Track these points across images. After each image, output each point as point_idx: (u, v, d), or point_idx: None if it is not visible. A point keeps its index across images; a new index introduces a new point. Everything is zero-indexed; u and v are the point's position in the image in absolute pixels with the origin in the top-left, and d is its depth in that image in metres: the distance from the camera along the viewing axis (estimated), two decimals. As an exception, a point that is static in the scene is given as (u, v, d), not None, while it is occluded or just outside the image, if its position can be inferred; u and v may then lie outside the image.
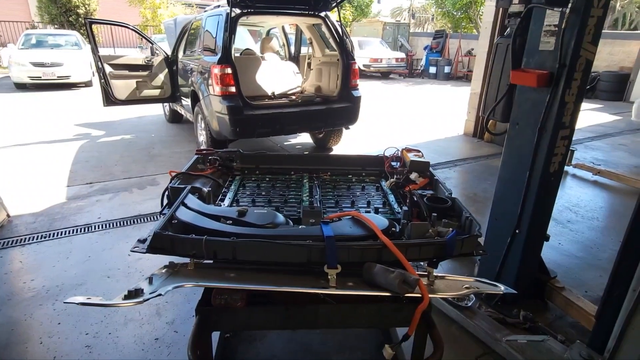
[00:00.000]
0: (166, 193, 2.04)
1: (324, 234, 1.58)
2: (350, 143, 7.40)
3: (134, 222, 4.46)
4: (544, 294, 3.38)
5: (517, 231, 3.32)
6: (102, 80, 6.62)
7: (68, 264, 3.54)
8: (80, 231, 4.13)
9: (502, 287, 1.61)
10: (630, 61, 13.92)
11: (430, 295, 1.43)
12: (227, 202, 2.20)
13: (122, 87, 6.90)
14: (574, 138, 3.05)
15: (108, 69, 6.53)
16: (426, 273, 1.66)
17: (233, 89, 5.18)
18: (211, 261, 1.63)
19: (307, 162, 2.72)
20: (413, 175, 2.33)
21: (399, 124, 9.48)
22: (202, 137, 6.31)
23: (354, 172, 2.71)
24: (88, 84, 13.92)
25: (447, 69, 19.01)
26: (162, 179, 5.68)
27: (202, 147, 2.59)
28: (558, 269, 3.41)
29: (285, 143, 7.47)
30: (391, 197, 2.31)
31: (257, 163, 2.71)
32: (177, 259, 1.68)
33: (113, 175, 5.70)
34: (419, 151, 2.56)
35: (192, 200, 1.87)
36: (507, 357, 2.73)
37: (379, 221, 1.71)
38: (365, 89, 6.90)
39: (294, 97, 6.65)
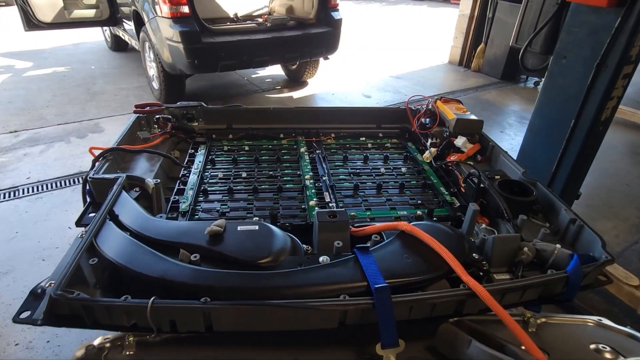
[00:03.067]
0: (86, 188, 1.25)
1: (370, 282, 0.89)
2: (327, 75, 6.50)
3: (73, 182, 3.61)
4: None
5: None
6: (18, -3, 5.21)
7: (-12, 243, 2.79)
8: (4, 197, 3.33)
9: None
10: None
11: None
12: (189, 197, 1.42)
13: (46, 6, 5.51)
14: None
15: (22, -18, 5.10)
16: (522, 318, 1.04)
17: (186, 9, 4.17)
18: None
19: (300, 119, 1.93)
20: (460, 141, 1.62)
21: (378, 51, 8.54)
22: (152, 70, 5.23)
23: (368, 132, 1.96)
24: (8, 2, 11.67)
25: (422, -14, 17.47)
26: (107, 124, 4.72)
27: (143, 102, 1.70)
28: (568, 222, 2.94)
29: (253, 76, 6.47)
30: (432, 176, 1.61)
31: (229, 121, 1.89)
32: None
33: (44, 120, 4.74)
34: (459, 102, 1.84)
35: (128, 208, 1.10)
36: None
37: (448, 240, 1.03)
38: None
39: (261, 19, 5.57)
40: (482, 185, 1.32)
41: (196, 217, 1.34)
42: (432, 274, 0.96)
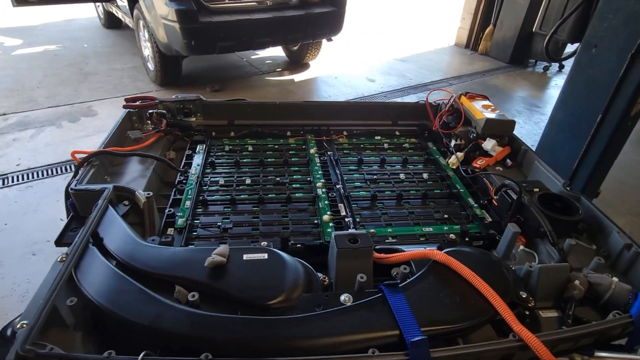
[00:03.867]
0: (68, 200, 1.08)
1: (404, 331, 0.74)
2: (330, 58, 6.24)
3: (65, 169, 3.43)
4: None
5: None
6: (2, -30, 4.91)
7: (-27, 237, 2.64)
8: (-8, 186, 3.17)
9: None
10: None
11: None
12: (186, 210, 1.24)
13: (34, -20, 5.20)
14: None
15: (7, -47, 4.79)
16: None
17: (183, -14, 3.87)
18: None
19: (309, 114, 1.75)
20: (489, 144, 1.45)
21: (380, 32, 8.23)
22: (147, 50, 4.99)
23: (383, 130, 1.78)
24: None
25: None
26: (100, 107, 4.50)
27: (134, 95, 1.50)
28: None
29: (253, 57, 6.21)
30: (458, 183, 1.44)
31: (231, 117, 1.70)
32: None
33: (35, 102, 4.52)
34: (485, 97, 1.65)
35: (115, 229, 0.94)
36: None
37: (490, 274, 0.88)
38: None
39: (261, -3, 5.28)
40: (524, 201, 1.16)
41: (194, 234, 1.17)
42: (477, 320, 0.81)
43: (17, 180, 3.24)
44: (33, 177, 3.29)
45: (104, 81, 5.09)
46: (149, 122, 1.54)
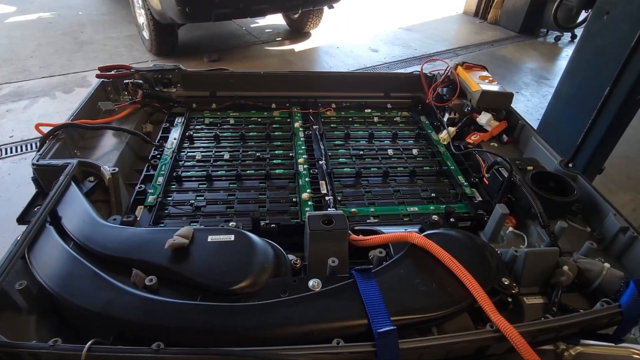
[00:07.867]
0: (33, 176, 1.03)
1: (372, 321, 0.69)
2: (332, 26, 6.03)
3: (59, 142, 3.33)
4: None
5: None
6: None
7: (-36, 210, 2.59)
8: (-16, 158, 3.09)
9: None
10: None
11: None
12: (157, 186, 1.18)
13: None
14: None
15: None
16: (555, 349, 0.85)
17: (176, -52, 3.69)
18: None
19: (296, 85, 1.65)
20: (484, 118, 1.36)
21: (387, -1, 7.92)
22: (142, 18, 4.84)
23: (374, 103, 1.68)
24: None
25: None
26: (94, 78, 4.36)
27: (109, 64, 1.43)
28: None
29: (252, 25, 6.02)
30: (449, 160, 1.37)
31: (213, 88, 1.61)
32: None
33: (28, 72, 4.43)
34: (483, 68, 1.55)
35: (75, 207, 0.88)
36: None
37: (471, 258, 0.82)
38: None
39: (259, -39, 5.05)
40: (514, 179, 1.08)
41: (165, 212, 1.12)
42: (452, 308, 0.76)
43: (11, 152, 3.20)
44: (27, 149, 3.24)
45: (100, 50, 4.96)
46: (126, 93, 1.46)
